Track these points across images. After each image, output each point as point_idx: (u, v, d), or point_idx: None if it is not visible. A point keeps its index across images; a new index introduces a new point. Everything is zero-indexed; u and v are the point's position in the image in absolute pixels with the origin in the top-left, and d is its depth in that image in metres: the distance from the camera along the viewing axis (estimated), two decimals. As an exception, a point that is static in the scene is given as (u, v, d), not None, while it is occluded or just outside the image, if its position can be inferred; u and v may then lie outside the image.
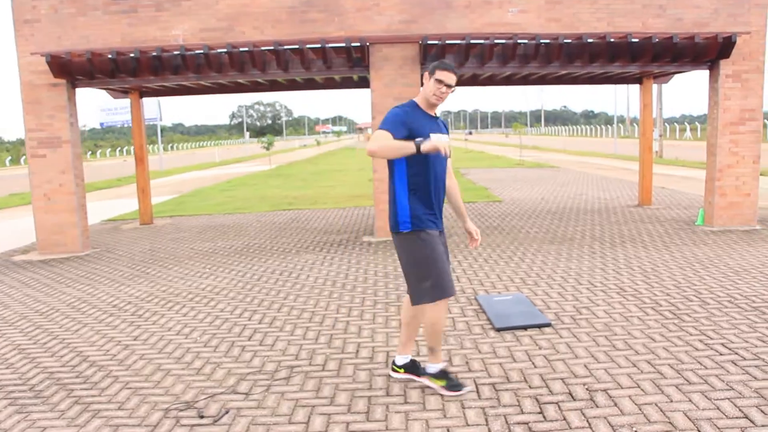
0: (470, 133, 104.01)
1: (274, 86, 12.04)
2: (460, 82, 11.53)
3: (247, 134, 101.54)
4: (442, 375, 3.85)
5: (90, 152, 63.32)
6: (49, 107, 9.27)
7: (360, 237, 9.76)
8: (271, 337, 5.12)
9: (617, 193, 14.39)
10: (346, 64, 9.07)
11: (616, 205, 12.22)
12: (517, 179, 19.13)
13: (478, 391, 3.83)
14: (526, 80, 11.40)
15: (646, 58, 8.91)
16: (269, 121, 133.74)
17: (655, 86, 28.79)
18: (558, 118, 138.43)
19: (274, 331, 5.27)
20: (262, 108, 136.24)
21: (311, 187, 19.70)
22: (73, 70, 9.05)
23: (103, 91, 11.78)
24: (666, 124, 53.39)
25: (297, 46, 8.68)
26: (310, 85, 12.06)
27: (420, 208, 3.63)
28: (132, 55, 8.88)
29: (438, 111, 3.93)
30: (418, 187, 3.63)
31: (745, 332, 4.68)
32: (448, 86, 3.60)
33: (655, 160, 25.44)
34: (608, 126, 71.75)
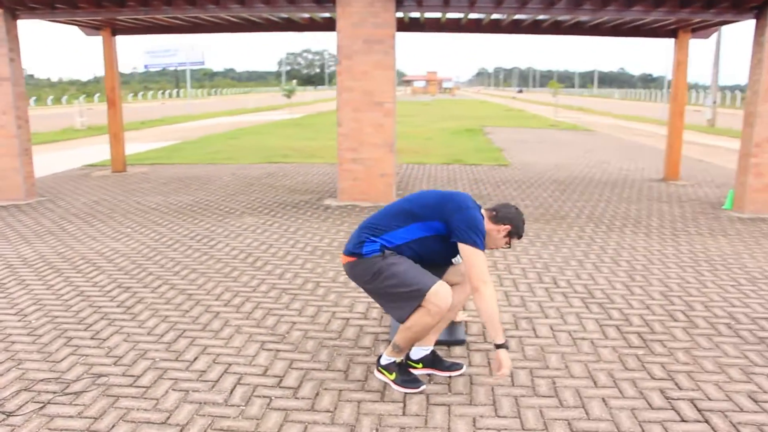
0: (521, 91, 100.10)
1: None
2: (460, 29, 9.96)
3: (294, 82, 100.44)
4: (395, 367, 3.18)
5: (132, 94, 63.18)
6: (-15, 40, 8.20)
7: (323, 198, 8.53)
8: (113, 329, 4.01)
9: (646, 163, 12.71)
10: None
11: (637, 178, 10.62)
12: (542, 141, 17.47)
13: (296, 451, 2.62)
14: (537, 28, 9.77)
15: (673, 1, 7.24)
16: (317, 70, 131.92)
17: (713, 48, 26.11)
18: (615, 81, 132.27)
19: (125, 320, 4.16)
20: (309, 56, 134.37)
21: (320, 138, 18.46)
22: (3, -4, 7.93)
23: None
24: (727, 90, 49.87)
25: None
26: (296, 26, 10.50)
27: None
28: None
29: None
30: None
31: (734, 381, 3.29)
32: None
33: (705, 130, 23.28)
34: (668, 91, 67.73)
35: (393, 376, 3.14)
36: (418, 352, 3.30)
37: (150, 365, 3.48)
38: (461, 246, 2.97)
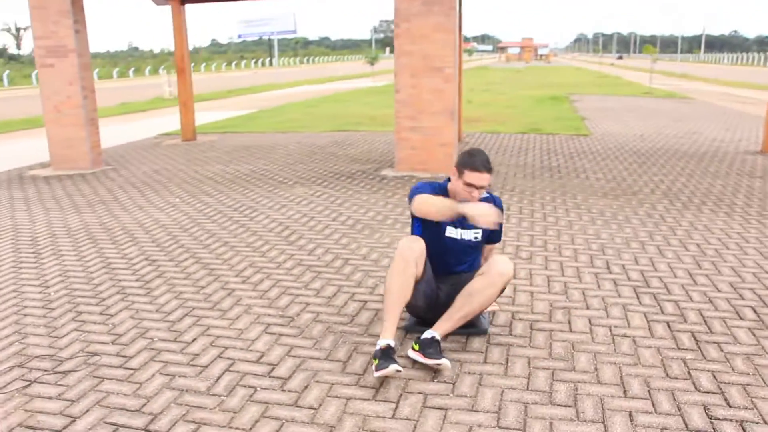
0: (620, 57, 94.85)
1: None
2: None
3: (387, 49, 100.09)
4: (379, 353, 2.88)
5: (226, 64, 64.83)
6: (53, 12, 8.34)
7: (382, 168, 8.22)
8: (124, 304, 3.91)
9: (745, 134, 11.54)
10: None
11: (730, 150, 9.62)
12: (631, 110, 16.30)
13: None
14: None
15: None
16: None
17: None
18: (726, 45, 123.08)
19: (138, 295, 4.04)
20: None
21: (398, 107, 18.05)
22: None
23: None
24: None
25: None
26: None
27: None
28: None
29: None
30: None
31: (798, 391, 2.74)
32: (481, 187, 3.10)
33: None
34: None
35: (376, 362, 2.84)
36: (426, 333, 3.04)
37: (146, 345, 3.31)
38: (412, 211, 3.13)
